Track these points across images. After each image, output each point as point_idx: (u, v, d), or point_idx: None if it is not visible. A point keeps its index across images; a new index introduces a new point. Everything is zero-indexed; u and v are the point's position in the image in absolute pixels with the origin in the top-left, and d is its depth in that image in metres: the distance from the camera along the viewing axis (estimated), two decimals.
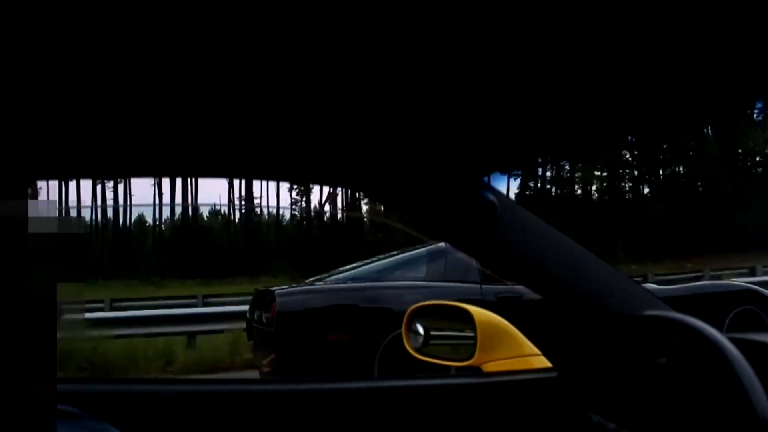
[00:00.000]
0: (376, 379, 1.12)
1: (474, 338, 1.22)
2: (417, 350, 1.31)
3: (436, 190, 0.99)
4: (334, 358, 4.15)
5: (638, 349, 1.09)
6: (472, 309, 1.24)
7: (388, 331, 4.03)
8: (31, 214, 0.53)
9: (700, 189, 34.33)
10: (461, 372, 1.24)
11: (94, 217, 40.73)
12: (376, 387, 1.12)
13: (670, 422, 0.87)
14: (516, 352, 1.22)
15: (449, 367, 1.28)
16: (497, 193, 1.02)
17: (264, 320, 4.35)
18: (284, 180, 1.12)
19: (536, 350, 1.23)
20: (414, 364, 1.36)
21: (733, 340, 1.00)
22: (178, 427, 1.01)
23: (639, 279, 9.67)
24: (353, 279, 4.88)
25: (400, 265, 4.71)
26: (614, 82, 0.74)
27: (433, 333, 1.32)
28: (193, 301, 12.43)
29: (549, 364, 1.21)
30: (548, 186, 39.66)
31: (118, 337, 7.18)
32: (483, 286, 4.42)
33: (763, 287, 5.31)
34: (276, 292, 4.40)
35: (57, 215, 0.61)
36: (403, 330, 1.33)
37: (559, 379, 1.11)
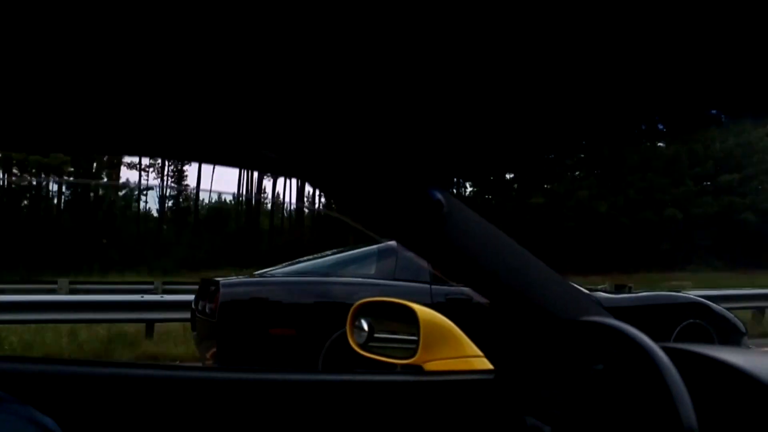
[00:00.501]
0: (318, 372, 1.11)
1: (417, 337, 1.21)
2: (360, 346, 1.30)
3: (385, 187, 0.99)
4: (277, 353, 4.08)
5: (578, 355, 1.11)
6: (417, 308, 1.24)
7: (334, 328, 3.99)
8: None
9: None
10: (403, 370, 1.23)
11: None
12: (317, 380, 1.11)
13: (604, 428, 0.88)
14: (458, 352, 1.22)
15: (393, 365, 1.27)
16: (445, 193, 1.01)
17: (207, 311, 4.23)
18: (235, 166, 1.09)
19: (478, 352, 1.24)
20: (358, 362, 1.35)
21: (666, 350, 1.02)
22: (110, 412, 0.97)
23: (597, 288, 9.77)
24: (301, 273, 4.80)
25: (350, 262, 4.65)
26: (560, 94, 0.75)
27: (377, 330, 1.31)
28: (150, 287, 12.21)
29: (490, 366, 1.22)
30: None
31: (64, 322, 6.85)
32: (433, 286, 4.43)
33: None
34: (221, 282, 4.28)
35: None
36: (347, 325, 1.32)
37: (495, 381, 1.12)
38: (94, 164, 37.47)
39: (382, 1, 0.53)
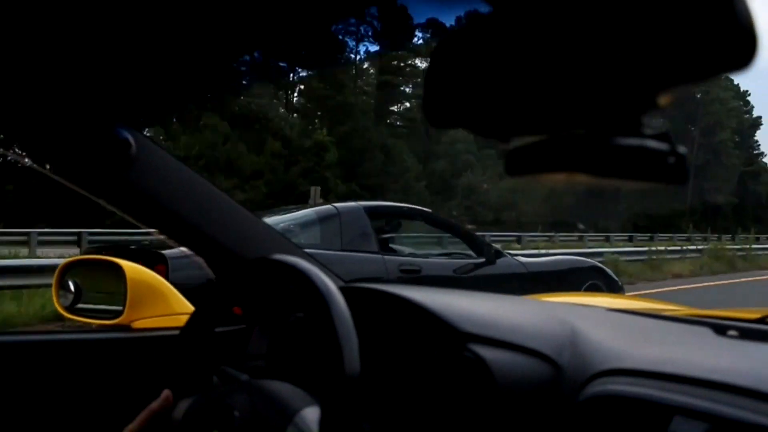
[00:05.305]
0: (19, 333, 1.07)
1: (124, 295, 1.15)
2: (66, 309, 1.24)
3: (62, 123, 0.91)
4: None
5: (277, 302, 1.05)
6: (125, 264, 1.16)
7: None
8: None
9: None
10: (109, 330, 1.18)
11: None
12: (16, 341, 1.07)
13: (295, 377, 0.82)
14: (167, 309, 1.15)
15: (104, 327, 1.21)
16: (134, 132, 0.94)
17: None
18: None
19: (190, 308, 1.17)
20: None
21: (349, 290, 0.96)
22: None
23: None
24: None
25: (293, 230, 4.26)
26: None
27: (85, 290, 1.24)
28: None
29: None
30: None
31: None
32: (385, 257, 4.21)
33: None
34: (168, 255, 3.40)
35: None
36: (53, 287, 1.26)
37: (182, 333, 1.06)
38: None
39: None
